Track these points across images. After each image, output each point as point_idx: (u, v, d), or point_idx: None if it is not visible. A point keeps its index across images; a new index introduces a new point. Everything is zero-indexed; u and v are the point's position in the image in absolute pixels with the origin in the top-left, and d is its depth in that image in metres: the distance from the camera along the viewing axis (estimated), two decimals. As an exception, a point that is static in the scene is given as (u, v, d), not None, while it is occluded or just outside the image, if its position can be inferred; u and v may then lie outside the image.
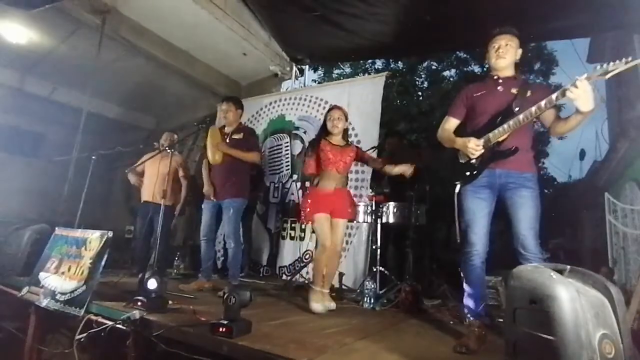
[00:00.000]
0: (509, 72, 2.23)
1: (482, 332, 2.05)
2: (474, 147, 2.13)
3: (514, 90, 2.15)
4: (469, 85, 2.38)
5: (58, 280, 2.73)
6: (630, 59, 1.69)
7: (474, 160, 2.18)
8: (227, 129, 3.59)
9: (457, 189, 2.24)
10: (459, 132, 2.32)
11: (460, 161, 2.25)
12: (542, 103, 1.92)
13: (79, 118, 4.69)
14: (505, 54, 2.18)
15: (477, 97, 2.25)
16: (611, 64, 1.71)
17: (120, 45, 5.03)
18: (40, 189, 6.75)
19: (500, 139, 2.10)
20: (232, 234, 3.36)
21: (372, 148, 4.15)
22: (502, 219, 2.19)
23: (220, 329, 1.82)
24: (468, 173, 2.20)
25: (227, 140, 3.50)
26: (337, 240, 2.92)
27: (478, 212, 2.15)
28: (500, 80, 2.22)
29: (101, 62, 4.58)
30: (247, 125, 3.88)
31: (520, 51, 2.24)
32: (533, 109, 1.96)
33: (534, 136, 2.23)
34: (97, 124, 5.18)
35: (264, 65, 5.98)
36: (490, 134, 2.11)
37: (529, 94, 2.10)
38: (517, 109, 2.05)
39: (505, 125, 2.05)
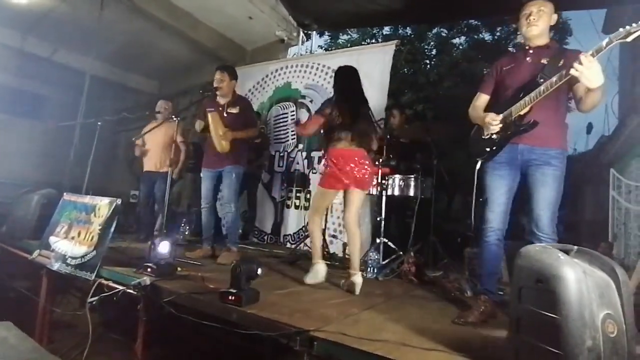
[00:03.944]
0: (542, 40, 2.09)
1: (487, 306, 2.06)
2: (490, 121, 2.06)
3: (544, 61, 2.02)
4: (501, 58, 2.27)
5: (68, 245, 2.79)
6: None
7: (495, 136, 2.10)
8: (222, 100, 3.47)
9: (478, 166, 2.19)
10: (490, 108, 2.22)
11: (483, 137, 2.17)
12: (554, 79, 1.84)
13: (81, 80, 4.62)
14: (537, 21, 2.03)
15: (507, 71, 2.15)
16: (633, 25, 1.59)
17: (122, 6, 4.87)
18: (44, 152, 6.75)
19: (521, 113, 2.00)
20: (231, 200, 3.37)
21: (381, 120, 4.10)
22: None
23: (230, 297, 1.87)
24: (488, 149, 2.14)
25: (225, 115, 3.43)
26: None
27: (496, 190, 2.12)
28: (531, 51, 2.09)
29: (103, 22, 4.46)
30: (243, 97, 3.78)
31: (555, 17, 2.08)
32: (554, 79, 1.85)
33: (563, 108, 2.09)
34: (99, 87, 5.11)
35: (270, 30, 5.80)
36: (513, 108, 2.02)
37: (561, 62, 1.94)
38: (541, 80, 1.93)
39: (527, 98, 1.96)
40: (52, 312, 2.89)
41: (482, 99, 2.27)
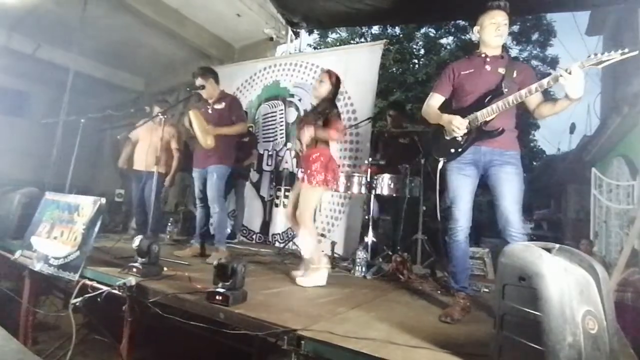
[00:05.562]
0: (498, 50, 2.21)
1: (466, 303, 2.13)
2: (458, 125, 2.13)
3: (501, 70, 2.15)
4: (454, 62, 2.36)
5: (51, 245, 2.73)
6: (626, 50, 1.70)
7: (459, 138, 2.18)
8: (208, 99, 3.48)
9: (440, 165, 2.26)
10: (444, 109, 2.31)
11: (446, 137, 2.25)
12: (533, 87, 1.92)
13: (64, 77, 4.53)
14: (503, 33, 2.16)
15: (465, 75, 2.23)
16: (605, 54, 1.73)
17: (107, 2, 4.79)
18: (26, 150, 6.63)
19: (487, 119, 2.11)
20: (215, 199, 3.34)
21: (368, 119, 4.12)
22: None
23: (217, 297, 1.86)
24: (453, 150, 2.22)
25: (210, 111, 3.42)
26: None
27: (462, 189, 2.19)
28: (488, 59, 2.20)
29: (87, 19, 4.38)
30: (230, 94, 3.75)
31: None
32: (523, 92, 1.96)
33: (518, 115, 2.24)
34: (83, 84, 5.02)
35: (258, 28, 5.79)
36: (478, 113, 2.11)
37: (514, 74, 2.11)
38: (505, 90, 2.06)
39: (494, 106, 2.06)
40: (35, 313, 2.84)
41: (438, 99, 2.33)
